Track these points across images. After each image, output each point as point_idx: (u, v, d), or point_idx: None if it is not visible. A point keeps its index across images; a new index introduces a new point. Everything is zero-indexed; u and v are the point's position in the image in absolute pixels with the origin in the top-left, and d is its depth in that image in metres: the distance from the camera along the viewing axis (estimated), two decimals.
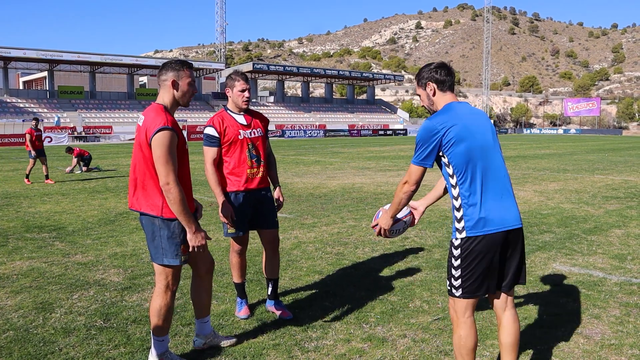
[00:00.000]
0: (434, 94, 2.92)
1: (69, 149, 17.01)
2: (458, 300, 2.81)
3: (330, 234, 7.16)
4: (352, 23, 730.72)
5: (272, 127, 57.33)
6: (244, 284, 4.27)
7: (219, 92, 70.98)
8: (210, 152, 3.98)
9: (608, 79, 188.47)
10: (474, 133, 2.77)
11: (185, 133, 51.30)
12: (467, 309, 2.81)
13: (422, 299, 4.55)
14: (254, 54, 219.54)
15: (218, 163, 4.03)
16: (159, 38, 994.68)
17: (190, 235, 3.13)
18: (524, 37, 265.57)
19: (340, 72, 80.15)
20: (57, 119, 49.35)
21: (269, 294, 4.27)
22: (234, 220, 4.00)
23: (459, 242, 2.78)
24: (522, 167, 18.02)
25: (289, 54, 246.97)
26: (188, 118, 60.82)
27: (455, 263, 2.79)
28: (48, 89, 60.99)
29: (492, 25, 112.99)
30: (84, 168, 16.89)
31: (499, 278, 2.86)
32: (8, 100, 55.15)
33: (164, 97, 3.22)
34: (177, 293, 4.68)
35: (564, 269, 5.46)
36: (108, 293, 4.72)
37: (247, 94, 4.01)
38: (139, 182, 3.17)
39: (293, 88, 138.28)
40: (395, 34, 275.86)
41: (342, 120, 72.17)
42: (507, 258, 2.84)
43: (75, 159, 16.62)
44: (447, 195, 3.16)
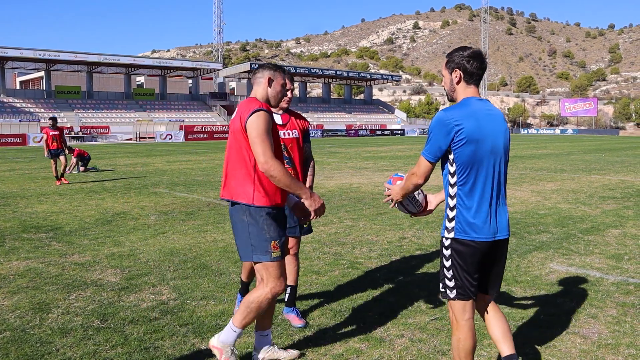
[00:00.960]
0: (458, 82, 2.78)
1: (69, 149, 16.99)
2: (454, 303, 2.78)
3: (328, 234, 7.17)
4: (349, 23, 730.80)
5: None
6: (249, 284, 4.27)
7: (217, 92, 70.93)
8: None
9: (605, 80, 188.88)
10: (486, 136, 2.68)
11: (183, 133, 51.26)
12: (465, 311, 2.77)
13: (419, 299, 4.55)
14: (252, 54, 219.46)
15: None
16: (157, 38, 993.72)
17: (309, 201, 3.11)
18: (521, 37, 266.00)
19: (338, 72, 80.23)
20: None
21: (287, 301, 4.13)
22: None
23: (449, 242, 2.75)
24: (519, 167, 18.05)
25: (287, 54, 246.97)
26: (185, 118, 60.78)
27: (447, 264, 2.77)
28: (45, 89, 60.90)
29: (489, 26, 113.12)
30: (82, 168, 16.88)
31: (483, 282, 2.85)
32: (5, 100, 55.04)
33: (257, 92, 3.25)
34: (174, 293, 4.69)
35: (561, 269, 5.47)
36: (105, 293, 4.71)
37: (290, 95, 3.82)
38: (230, 171, 3.16)
39: None
40: (393, 34, 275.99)
41: (339, 121, 72.23)
42: (490, 264, 2.82)
43: (75, 159, 16.61)
44: None
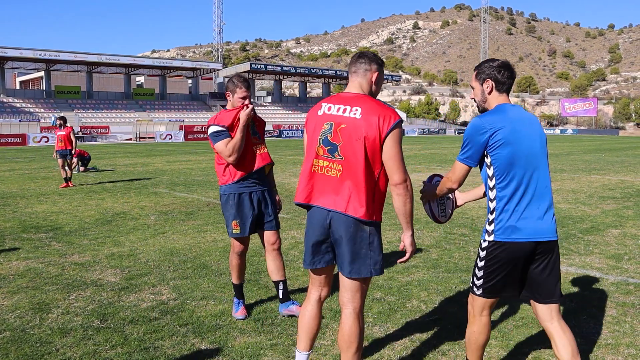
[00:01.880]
0: (490, 92, 2.85)
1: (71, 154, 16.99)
2: (477, 298, 2.87)
3: None
4: (349, 23, 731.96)
5: (269, 127, 57.31)
6: (242, 285, 4.28)
7: (217, 92, 70.95)
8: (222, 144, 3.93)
9: (605, 80, 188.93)
10: (521, 138, 2.72)
11: (183, 133, 51.26)
12: (484, 308, 2.88)
13: (419, 299, 4.55)
14: (252, 54, 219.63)
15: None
16: (156, 38, 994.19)
17: (411, 239, 2.90)
18: (521, 37, 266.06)
19: (338, 72, 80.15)
20: (54, 119, 49.24)
21: (281, 297, 4.17)
22: (242, 222, 4.02)
23: (486, 244, 2.79)
24: None
25: (287, 54, 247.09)
26: (185, 118, 60.77)
27: (480, 264, 2.82)
28: (45, 89, 60.92)
29: (489, 26, 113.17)
30: (82, 168, 16.87)
31: (528, 287, 2.83)
32: (5, 100, 55.05)
33: (364, 86, 2.90)
34: (173, 293, 4.69)
35: (561, 269, 5.46)
36: (105, 293, 4.71)
37: (247, 102, 4.01)
38: (350, 179, 2.75)
39: (290, 88, 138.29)
40: (393, 34, 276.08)
41: None
42: (535, 269, 2.78)
43: (76, 159, 16.59)
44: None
